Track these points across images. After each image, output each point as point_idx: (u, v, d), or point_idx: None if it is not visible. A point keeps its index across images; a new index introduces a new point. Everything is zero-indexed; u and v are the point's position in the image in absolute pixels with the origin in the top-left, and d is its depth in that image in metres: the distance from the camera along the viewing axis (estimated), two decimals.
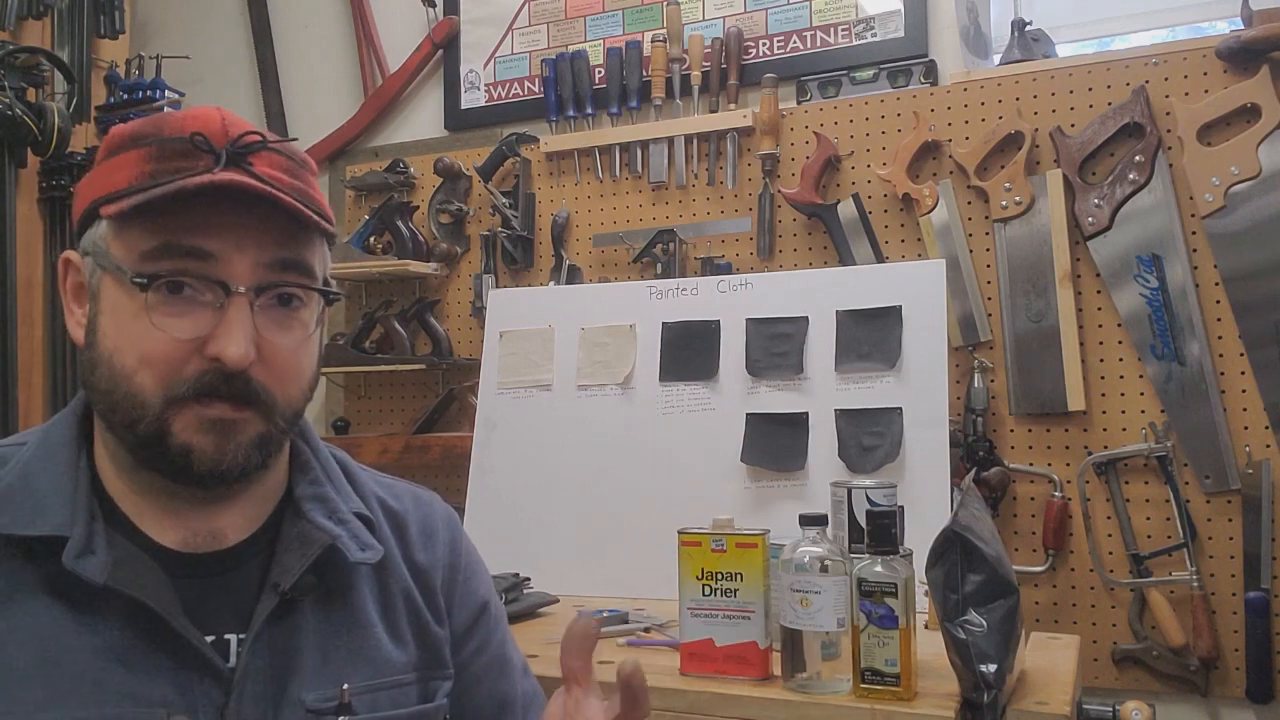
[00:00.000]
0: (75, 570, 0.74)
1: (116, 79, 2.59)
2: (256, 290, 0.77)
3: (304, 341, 0.82)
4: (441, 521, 0.97)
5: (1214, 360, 1.78)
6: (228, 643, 0.79)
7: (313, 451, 0.91)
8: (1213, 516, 1.77)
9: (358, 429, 2.48)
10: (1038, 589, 1.86)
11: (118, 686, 0.74)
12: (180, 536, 0.81)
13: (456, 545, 0.97)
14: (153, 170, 0.77)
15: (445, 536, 0.96)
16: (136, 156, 0.78)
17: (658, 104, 2.24)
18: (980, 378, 1.90)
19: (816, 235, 2.08)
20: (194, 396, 0.76)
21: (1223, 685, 1.75)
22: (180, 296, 0.76)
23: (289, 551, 0.83)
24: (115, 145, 0.81)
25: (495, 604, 1.00)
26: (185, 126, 0.78)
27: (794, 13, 2.18)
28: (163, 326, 0.75)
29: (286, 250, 0.79)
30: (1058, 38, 2.00)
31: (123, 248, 0.77)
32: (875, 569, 1.09)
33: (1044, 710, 1.08)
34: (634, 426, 1.80)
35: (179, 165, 0.77)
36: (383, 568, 0.89)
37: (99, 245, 0.78)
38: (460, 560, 0.97)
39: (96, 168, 0.81)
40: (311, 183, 0.83)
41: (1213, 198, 1.78)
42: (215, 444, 0.77)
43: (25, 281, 2.33)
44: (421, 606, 0.91)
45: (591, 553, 1.74)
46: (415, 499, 0.97)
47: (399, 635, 0.88)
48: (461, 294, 2.42)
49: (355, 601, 0.86)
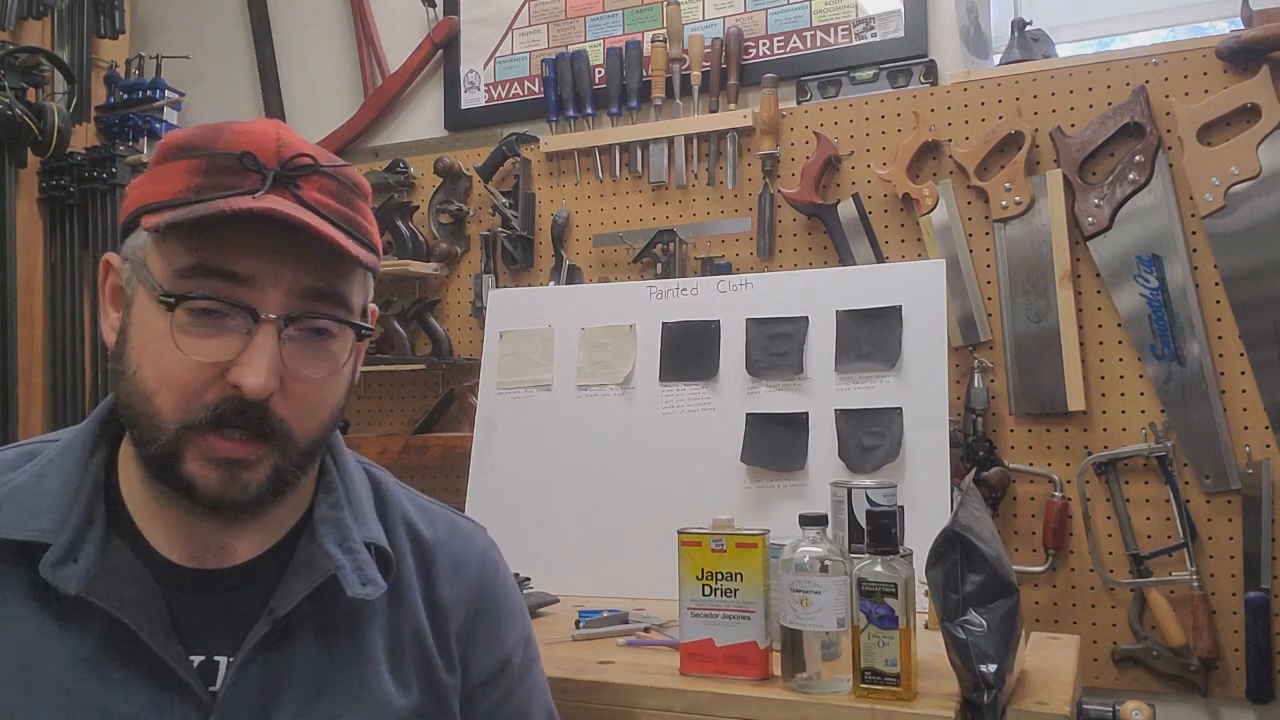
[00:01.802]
0: (49, 579, 0.72)
1: (116, 79, 2.59)
2: (286, 319, 0.74)
3: (332, 375, 0.78)
4: (476, 557, 0.92)
5: (1214, 360, 1.78)
6: (217, 665, 0.76)
7: (339, 471, 0.87)
8: (1213, 516, 1.77)
9: (357, 429, 2.48)
10: (1038, 589, 1.85)
11: (90, 699, 0.72)
12: (189, 550, 0.79)
13: (488, 585, 0.92)
14: (198, 185, 0.75)
15: (475, 574, 0.91)
16: (185, 168, 0.76)
17: (658, 104, 2.24)
18: (980, 378, 1.90)
19: (816, 235, 2.08)
20: (210, 425, 0.73)
21: (1223, 685, 1.75)
22: (208, 319, 0.73)
23: (295, 576, 0.79)
24: (167, 152, 0.78)
25: (524, 655, 0.94)
26: (238, 143, 0.76)
27: (794, 13, 2.18)
28: (186, 348, 0.73)
29: (322, 280, 0.76)
30: (1058, 38, 2.00)
31: (159, 261, 0.75)
32: (875, 569, 1.09)
33: (1044, 710, 1.08)
34: (634, 426, 1.80)
35: (226, 182, 0.74)
36: (397, 603, 0.85)
37: (138, 254, 0.77)
38: (488, 603, 0.91)
39: (148, 172, 0.79)
40: (362, 209, 0.80)
41: (1213, 198, 1.78)
42: (221, 480, 0.74)
43: (25, 281, 2.33)
44: (432, 649, 0.86)
45: (591, 553, 1.74)
46: (453, 529, 0.93)
47: (403, 678, 0.83)
48: (461, 294, 2.42)
49: (361, 637, 0.82)
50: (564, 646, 1.35)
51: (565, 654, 1.31)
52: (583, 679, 1.20)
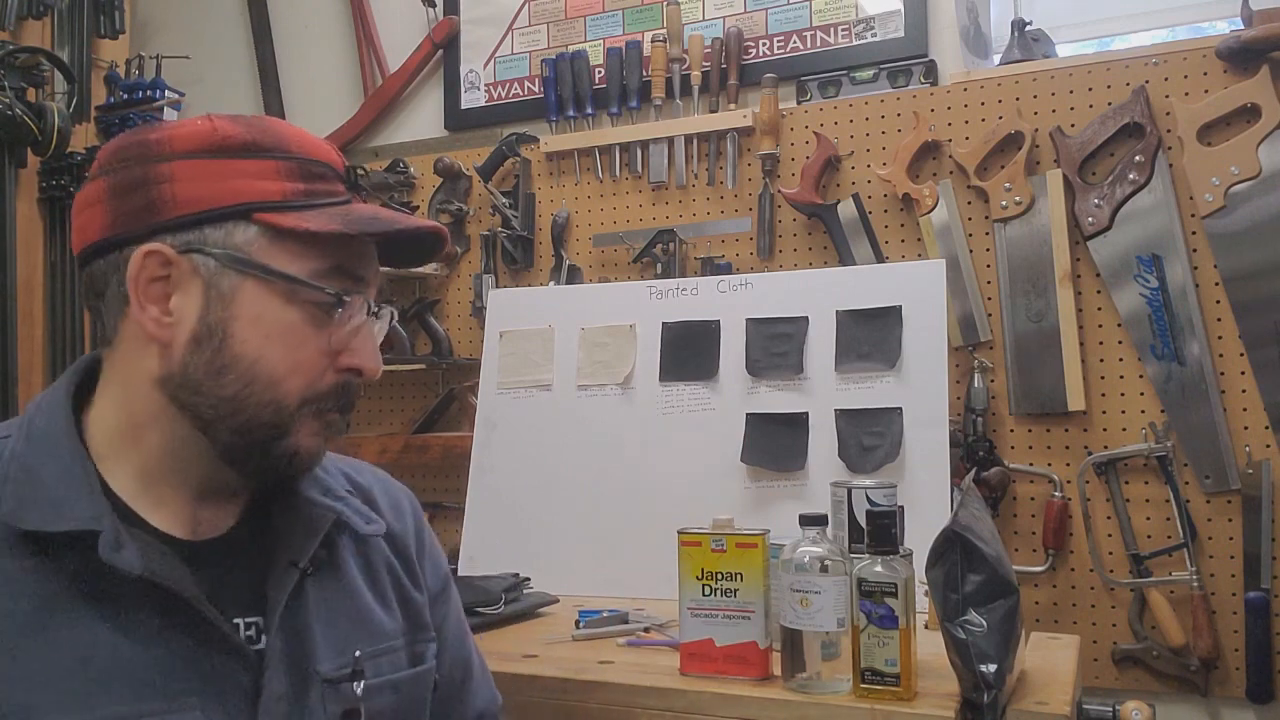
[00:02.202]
0: (113, 563, 0.73)
1: (116, 79, 2.59)
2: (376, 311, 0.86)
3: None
4: (403, 495, 1.03)
5: (1214, 360, 1.78)
6: (236, 626, 0.80)
7: None
8: (1213, 516, 1.77)
9: (357, 429, 2.48)
10: (1038, 589, 1.85)
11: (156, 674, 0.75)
12: (188, 527, 0.82)
13: (419, 516, 1.03)
14: (306, 190, 0.81)
15: (409, 508, 1.02)
16: (271, 169, 0.81)
17: (658, 104, 2.24)
18: (980, 378, 1.90)
19: (816, 235, 2.08)
20: (332, 405, 0.83)
21: (1223, 685, 1.75)
22: (323, 312, 0.81)
23: (294, 530, 0.86)
24: (223, 147, 0.79)
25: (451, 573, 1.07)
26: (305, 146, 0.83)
27: (794, 13, 2.18)
28: (332, 340, 0.81)
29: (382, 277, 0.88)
30: (1058, 38, 2.00)
31: (286, 258, 0.80)
32: (875, 569, 1.09)
33: (1044, 710, 1.08)
34: (634, 426, 1.80)
35: (325, 189, 0.83)
36: (364, 542, 0.93)
37: (239, 248, 0.78)
38: (424, 531, 1.02)
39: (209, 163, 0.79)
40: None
41: (1213, 198, 1.78)
42: (320, 448, 0.84)
43: (25, 281, 2.33)
44: (401, 574, 0.95)
45: (591, 553, 1.74)
46: (375, 475, 1.02)
47: (387, 604, 0.92)
48: (461, 294, 2.42)
49: (345, 574, 0.89)
50: (564, 646, 1.36)
51: (565, 654, 1.31)
52: (583, 679, 1.20)
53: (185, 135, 0.80)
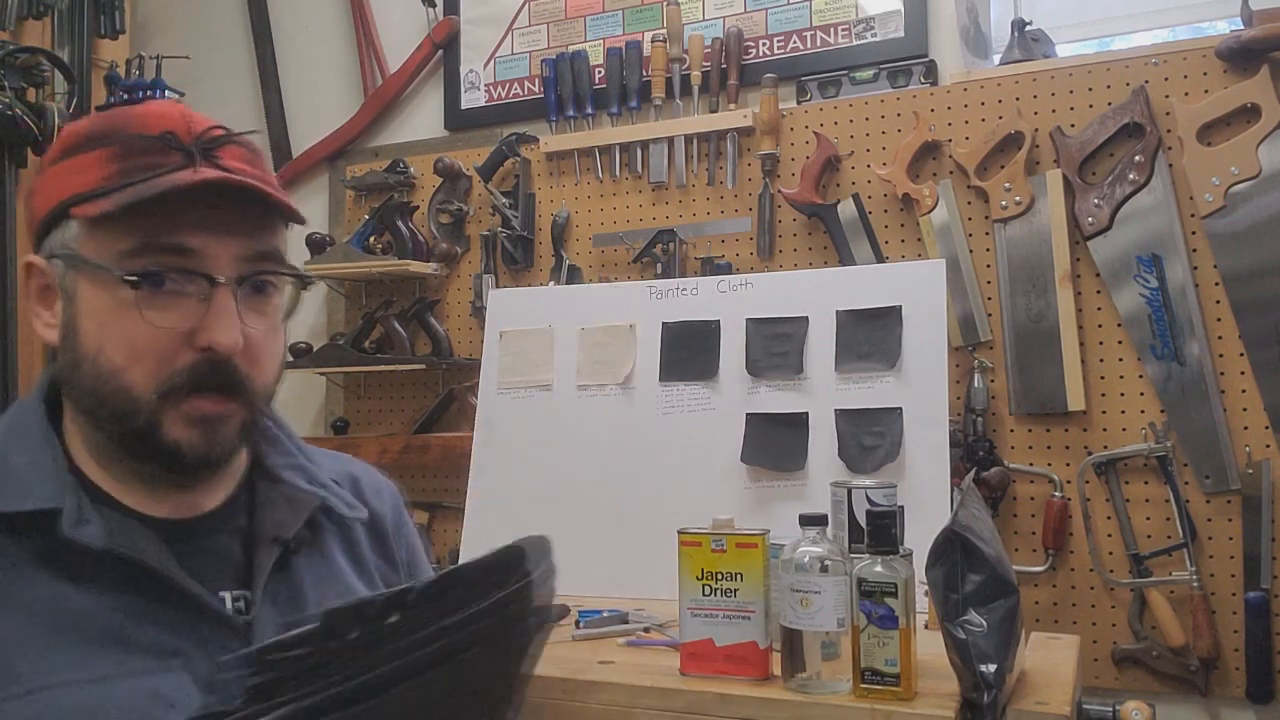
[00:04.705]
0: (75, 537, 0.75)
1: (116, 79, 2.59)
2: (238, 280, 0.80)
3: (277, 327, 0.86)
4: (386, 485, 1.06)
5: (1214, 360, 1.78)
6: (223, 600, 0.82)
7: (276, 424, 0.95)
8: (1213, 516, 1.77)
9: (357, 429, 2.48)
10: (1038, 589, 1.85)
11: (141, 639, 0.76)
12: (165, 509, 0.83)
13: (398, 500, 1.06)
14: (120, 170, 0.78)
15: (390, 493, 1.05)
16: (99, 157, 0.79)
17: (658, 104, 2.24)
18: (980, 378, 1.90)
19: (816, 235, 2.08)
20: (188, 388, 0.78)
21: (1223, 685, 1.75)
22: (163, 291, 0.78)
23: (276, 510, 0.87)
24: (71, 145, 0.81)
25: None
26: (148, 124, 0.80)
27: (794, 13, 2.18)
28: (153, 321, 0.77)
29: (261, 241, 0.82)
30: (1058, 38, 2.00)
31: (98, 247, 0.78)
32: (875, 569, 1.09)
33: (1044, 710, 1.08)
34: (634, 426, 1.80)
35: (148, 163, 0.78)
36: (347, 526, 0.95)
37: (70, 247, 0.80)
38: (401, 514, 1.05)
39: (52, 168, 0.82)
40: (270, 171, 0.86)
41: (1213, 198, 1.78)
42: (203, 438, 0.80)
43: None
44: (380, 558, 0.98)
45: (591, 553, 1.74)
46: (361, 466, 1.05)
47: (370, 583, 0.95)
48: (461, 294, 2.42)
49: (329, 556, 0.92)
50: (564, 646, 1.35)
51: (565, 654, 1.31)
52: (583, 679, 1.20)
53: (54, 145, 0.83)
